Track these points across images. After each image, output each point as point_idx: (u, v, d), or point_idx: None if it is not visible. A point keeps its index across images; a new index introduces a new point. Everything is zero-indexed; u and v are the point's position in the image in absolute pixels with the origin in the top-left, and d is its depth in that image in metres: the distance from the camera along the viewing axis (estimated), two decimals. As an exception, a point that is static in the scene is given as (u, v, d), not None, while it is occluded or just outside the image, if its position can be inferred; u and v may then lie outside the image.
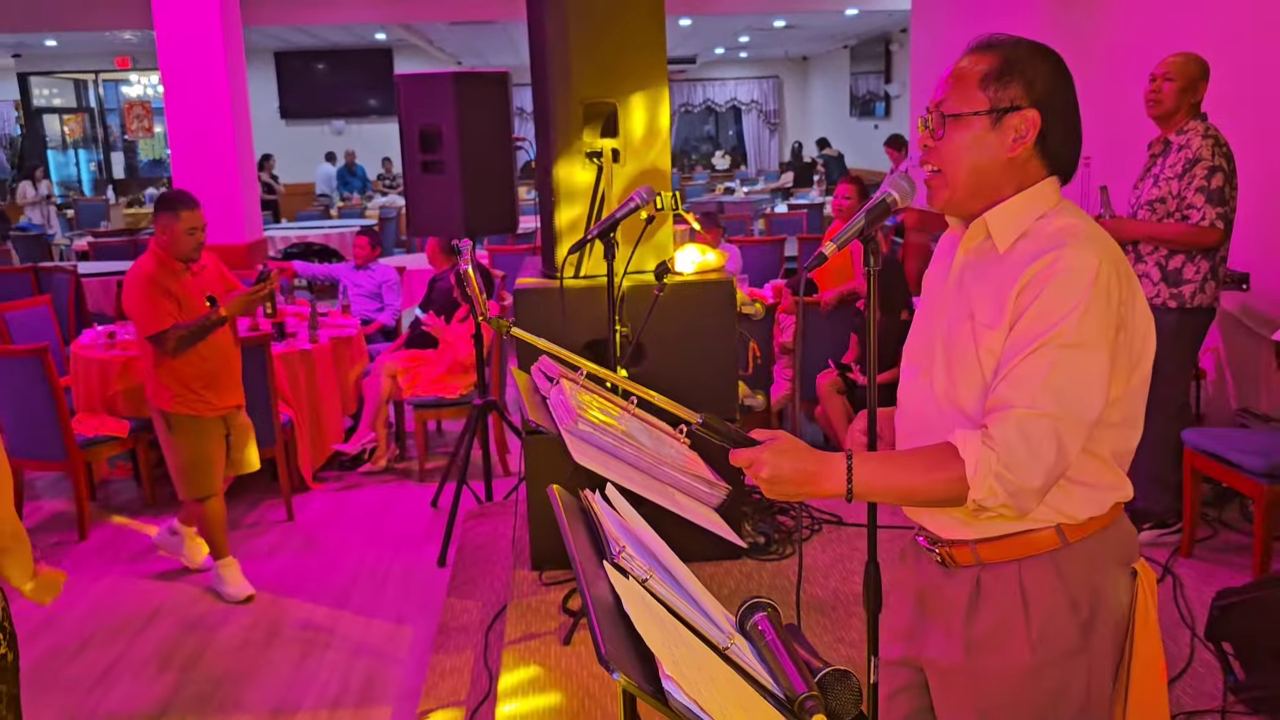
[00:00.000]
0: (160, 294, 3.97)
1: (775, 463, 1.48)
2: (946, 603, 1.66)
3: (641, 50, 3.65)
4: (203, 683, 3.69)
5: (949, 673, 1.66)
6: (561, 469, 3.56)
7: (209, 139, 7.55)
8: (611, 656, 0.87)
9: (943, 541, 1.66)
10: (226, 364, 4.22)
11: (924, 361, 1.67)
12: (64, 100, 18.21)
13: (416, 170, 4.58)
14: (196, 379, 4.08)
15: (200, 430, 4.14)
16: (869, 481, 1.50)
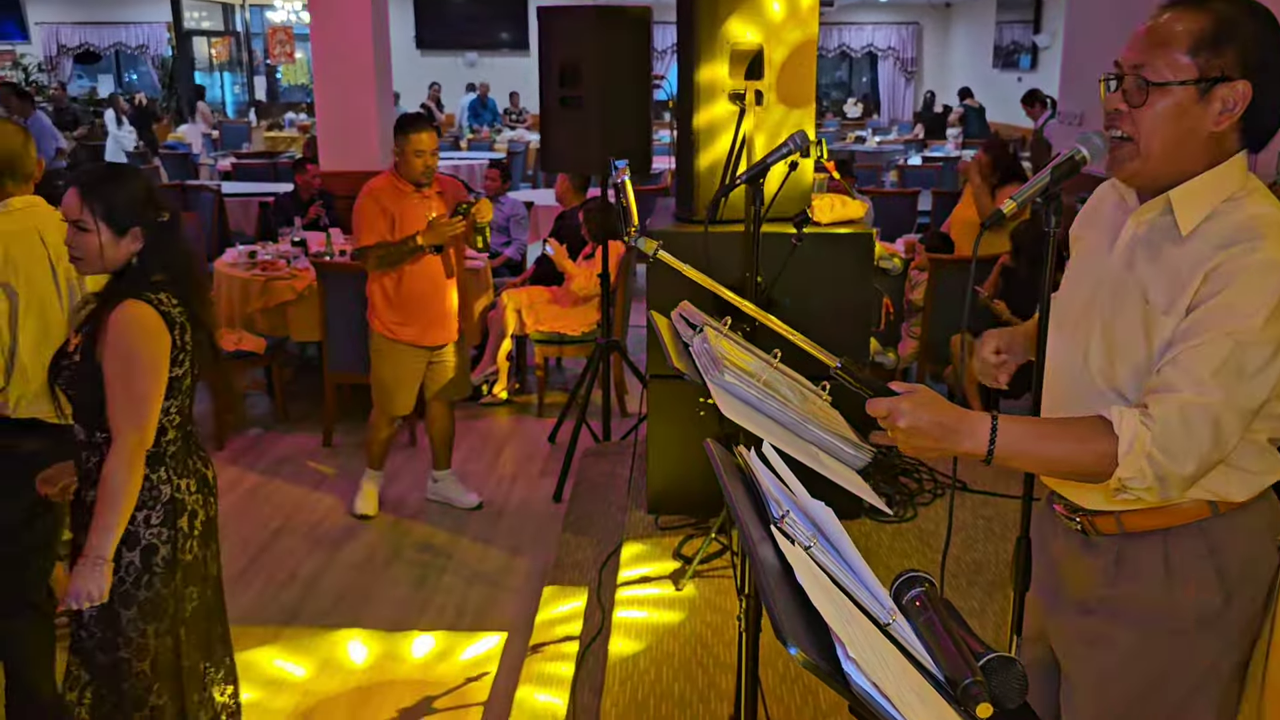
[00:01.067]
0: (376, 211, 4.11)
1: (914, 414, 1.43)
2: (1083, 571, 1.63)
3: None
4: (324, 597, 3.84)
5: (1082, 642, 1.63)
6: (684, 415, 3.55)
7: (350, 67, 7.64)
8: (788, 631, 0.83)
9: (1084, 511, 1.62)
10: (432, 297, 4.21)
11: (1078, 333, 1.59)
12: (212, 24, 18.79)
13: (553, 105, 4.55)
14: (399, 304, 4.19)
15: (393, 355, 4.27)
16: (1013, 445, 1.45)
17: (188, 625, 2.34)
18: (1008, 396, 5.12)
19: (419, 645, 3.52)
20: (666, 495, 3.80)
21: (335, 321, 5.12)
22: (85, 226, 2.17)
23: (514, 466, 5.04)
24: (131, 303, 2.17)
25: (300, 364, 6.50)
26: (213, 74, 19.08)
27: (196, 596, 2.37)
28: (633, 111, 4.45)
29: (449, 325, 4.32)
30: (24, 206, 2.79)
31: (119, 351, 2.16)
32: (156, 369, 2.18)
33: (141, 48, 18.72)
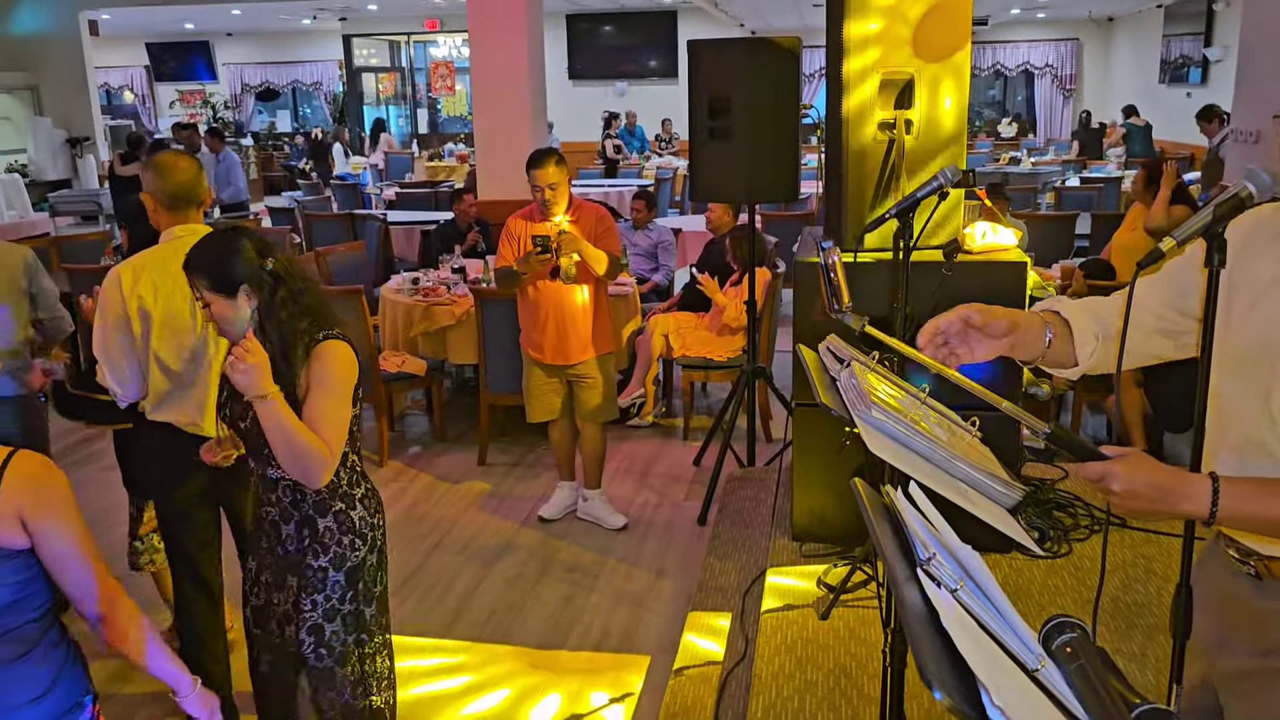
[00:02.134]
0: (506, 236, 4.44)
1: (1129, 477, 1.42)
2: (1255, 615, 1.58)
3: (946, 18, 3.50)
4: (478, 611, 3.99)
5: (1254, 681, 1.58)
6: (830, 443, 3.55)
7: (507, 98, 7.95)
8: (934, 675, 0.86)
9: (1259, 555, 1.57)
10: (555, 319, 4.40)
11: (1257, 373, 1.53)
12: (379, 60, 19.81)
13: (703, 135, 4.63)
14: (526, 324, 4.54)
15: (527, 368, 4.61)
16: (1238, 507, 1.43)
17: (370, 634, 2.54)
18: (1172, 430, 4.89)
19: (566, 664, 3.62)
20: (811, 523, 3.80)
21: (492, 345, 5.34)
22: (206, 301, 2.32)
23: (659, 489, 5.12)
24: (333, 342, 2.35)
25: (458, 385, 6.78)
26: (379, 107, 20.10)
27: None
28: (781, 142, 4.49)
29: (574, 347, 4.44)
30: (185, 235, 2.95)
31: (322, 380, 2.32)
32: (348, 399, 2.37)
33: (316, 84, 19.91)
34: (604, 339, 4.52)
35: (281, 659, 2.54)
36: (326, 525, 2.41)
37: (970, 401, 2.08)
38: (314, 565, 2.42)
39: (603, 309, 4.51)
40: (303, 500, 2.41)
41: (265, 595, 2.52)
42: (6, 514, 1.74)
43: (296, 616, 2.45)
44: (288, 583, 2.46)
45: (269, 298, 2.32)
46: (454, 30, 17.54)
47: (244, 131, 19.34)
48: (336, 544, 2.41)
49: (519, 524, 4.76)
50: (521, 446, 5.73)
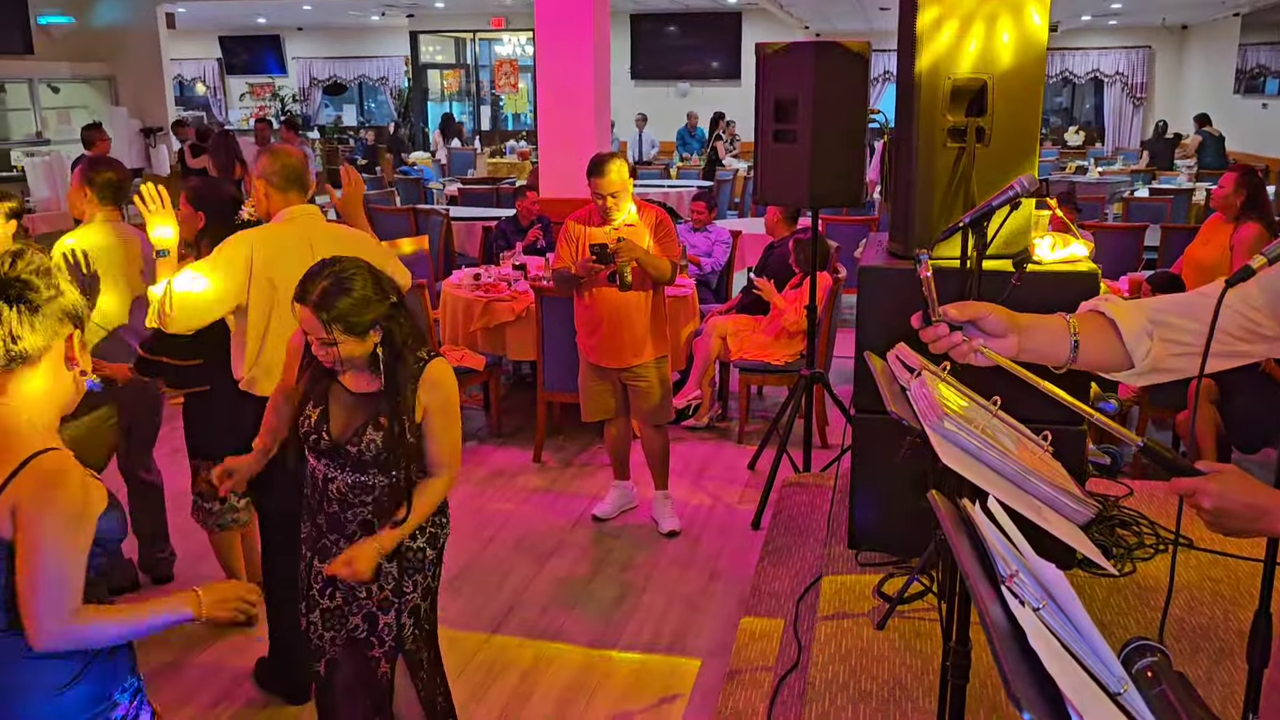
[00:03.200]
0: (564, 238, 4.47)
1: (1221, 494, 1.38)
2: None
3: (1020, 24, 3.45)
4: (530, 608, 4.02)
5: None
6: (890, 452, 3.51)
7: (571, 97, 7.99)
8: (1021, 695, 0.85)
9: None
10: (607, 322, 4.41)
11: None
12: (445, 57, 20.03)
13: (768, 139, 4.62)
14: (580, 325, 4.56)
15: (582, 367, 4.65)
16: None
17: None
18: (1244, 450, 4.77)
19: (617, 665, 3.63)
20: (868, 532, 3.76)
21: (550, 342, 5.37)
22: (331, 343, 2.34)
23: (713, 491, 5.11)
24: (439, 362, 2.48)
25: (515, 381, 6.83)
26: (443, 103, 20.31)
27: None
28: (847, 147, 4.46)
29: (628, 349, 4.43)
30: (300, 216, 3.20)
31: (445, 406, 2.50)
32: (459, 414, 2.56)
33: (382, 79, 20.17)
34: (659, 342, 4.51)
35: (366, 656, 2.58)
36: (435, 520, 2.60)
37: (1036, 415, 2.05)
38: (413, 546, 2.55)
39: (659, 312, 4.50)
40: (365, 505, 2.52)
41: (346, 593, 2.55)
42: (4, 507, 1.71)
43: (398, 601, 2.54)
44: (384, 569, 2.51)
45: (394, 332, 2.39)
46: (519, 29, 17.67)
47: (311, 125, 19.67)
48: (430, 524, 2.58)
49: (573, 522, 4.78)
50: (576, 444, 5.76)
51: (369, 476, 2.48)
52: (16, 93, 11.94)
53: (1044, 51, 3.53)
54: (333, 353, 2.35)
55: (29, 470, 1.72)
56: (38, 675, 1.80)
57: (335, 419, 2.46)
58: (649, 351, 4.47)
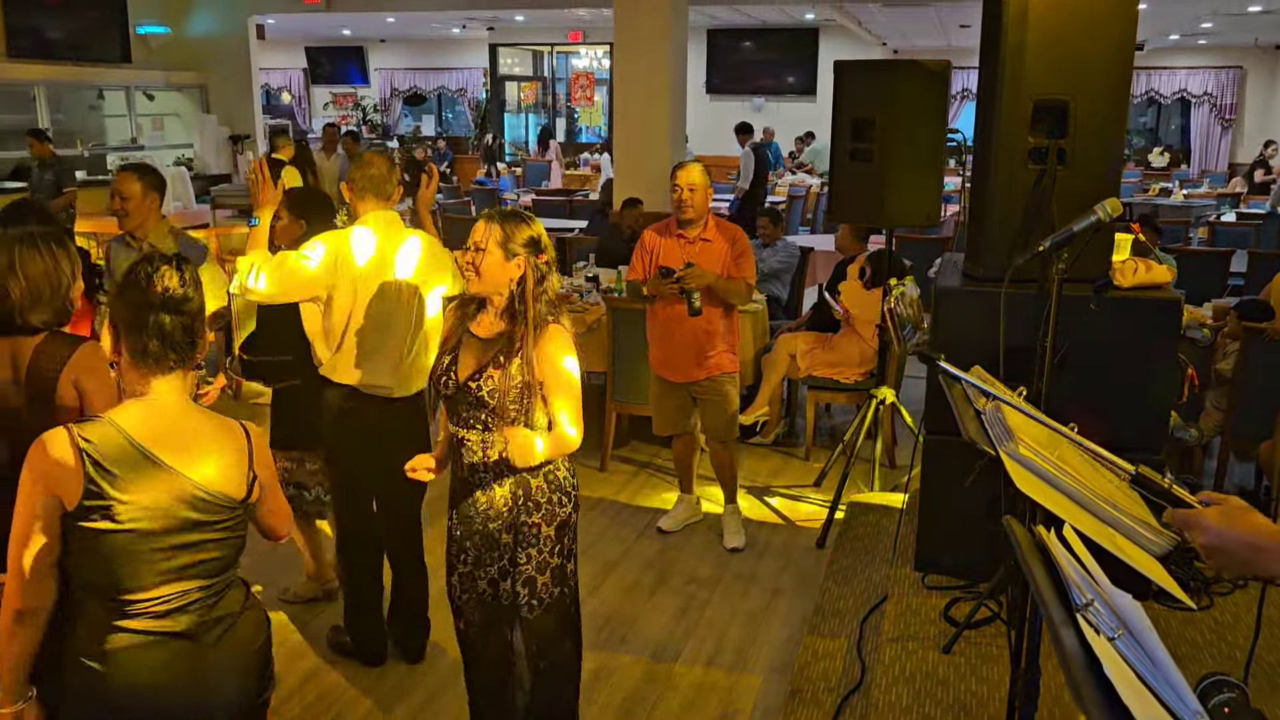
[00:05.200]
0: (639, 250, 4.55)
1: (1221, 531, 1.32)
2: None
3: (1107, 44, 3.40)
4: (594, 617, 4.04)
5: None
6: (960, 475, 3.48)
7: (647, 111, 8.05)
8: None
9: None
10: (680, 337, 4.43)
11: None
12: (522, 69, 20.30)
13: (844, 156, 4.61)
14: (650, 336, 4.63)
15: (651, 380, 4.72)
16: None
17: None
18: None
19: (678, 678, 3.64)
20: (936, 554, 3.72)
21: (621, 354, 5.41)
22: (482, 247, 2.56)
23: (779, 508, 5.10)
24: (560, 328, 2.62)
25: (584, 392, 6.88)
26: (519, 115, 20.58)
27: None
28: (925, 166, 4.44)
29: (696, 365, 4.45)
30: (380, 222, 3.41)
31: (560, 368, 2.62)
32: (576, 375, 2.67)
33: (460, 90, 20.52)
34: (727, 359, 4.49)
35: (495, 616, 2.75)
36: (538, 484, 2.66)
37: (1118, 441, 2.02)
38: (528, 522, 2.66)
39: (730, 330, 4.49)
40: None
41: (474, 558, 2.72)
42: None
43: (513, 570, 2.68)
44: (501, 541, 2.67)
45: (529, 278, 2.58)
46: (596, 42, 17.83)
47: (390, 134, 20.07)
48: (547, 501, 2.67)
49: (637, 533, 4.80)
50: (643, 456, 5.79)
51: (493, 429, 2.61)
52: (114, 100, 12.40)
53: (1130, 71, 3.47)
54: (479, 257, 2.55)
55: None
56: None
57: (463, 364, 2.64)
58: (718, 368, 4.47)
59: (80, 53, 11.30)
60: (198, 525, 1.93)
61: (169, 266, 1.96)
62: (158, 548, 1.89)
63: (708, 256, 4.32)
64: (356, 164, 3.48)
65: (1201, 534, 1.34)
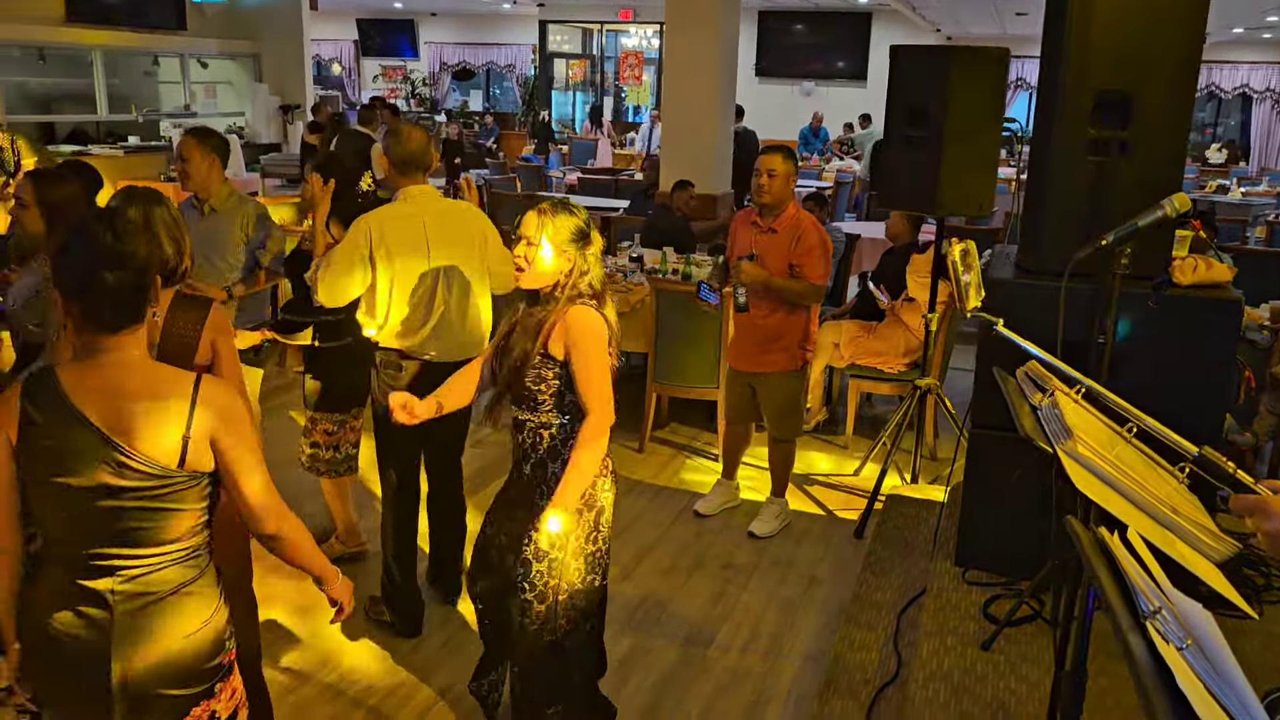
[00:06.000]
0: (730, 230, 4.57)
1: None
2: None
3: (1173, 36, 3.31)
4: (629, 598, 4.05)
5: None
6: (1005, 470, 3.43)
7: (696, 91, 8.00)
8: (1168, 726, 0.83)
9: None
10: (743, 327, 4.46)
11: None
12: (571, 47, 20.24)
13: (897, 142, 4.55)
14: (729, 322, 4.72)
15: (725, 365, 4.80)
16: None
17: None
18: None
19: (712, 662, 3.64)
20: (977, 549, 3.68)
21: (663, 336, 5.39)
22: (532, 243, 2.60)
23: (818, 496, 5.06)
24: (587, 310, 2.62)
25: (624, 373, 6.88)
26: (567, 93, 20.53)
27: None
28: (979, 154, 4.36)
29: (752, 358, 4.45)
30: (417, 195, 3.46)
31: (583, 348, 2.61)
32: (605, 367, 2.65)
33: (509, 66, 20.51)
34: (786, 357, 4.40)
35: (498, 585, 2.83)
36: (554, 470, 2.68)
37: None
38: (539, 504, 2.68)
39: (796, 327, 4.36)
40: (540, 445, 2.70)
41: (495, 526, 2.86)
42: (200, 436, 1.88)
43: (515, 547, 2.73)
44: (517, 516, 2.75)
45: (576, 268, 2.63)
46: (646, 21, 17.73)
47: (438, 108, 20.11)
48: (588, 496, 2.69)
49: (674, 516, 4.80)
50: (682, 438, 5.78)
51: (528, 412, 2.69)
52: (169, 66, 12.52)
53: (1197, 65, 3.38)
54: (531, 252, 2.60)
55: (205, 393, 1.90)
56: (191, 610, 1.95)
57: (512, 349, 2.70)
58: (775, 364, 4.42)
59: (137, 19, 11.41)
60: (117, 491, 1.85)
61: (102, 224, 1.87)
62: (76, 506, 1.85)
63: (772, 248, 4.26)
64: (394, 138, 3.48)
65: (1267, 519, 1.32)
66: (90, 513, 1.85)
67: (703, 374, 5.37)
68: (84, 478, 1.83)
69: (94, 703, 1.90)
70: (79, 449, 1.82)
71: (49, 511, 1.89)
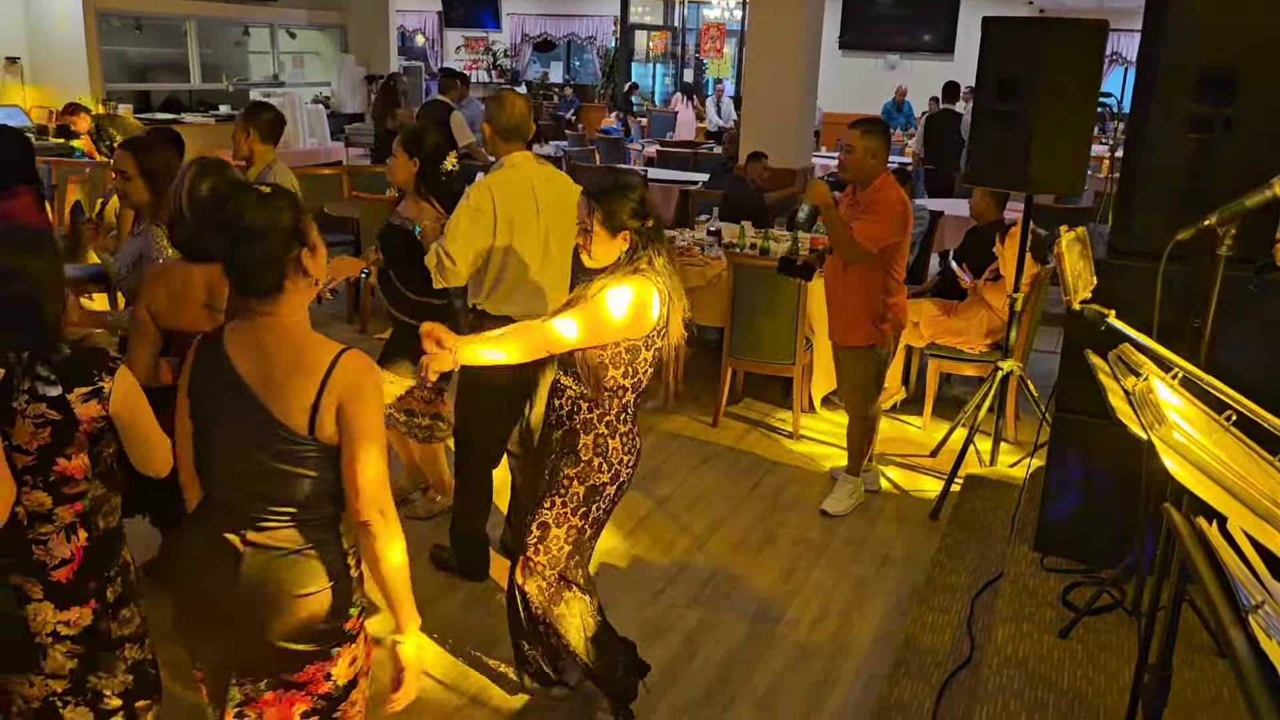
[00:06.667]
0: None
1: None
2: None
3: None
4: (698, 571, 4.05)
5: None
6: (1089, 455, 3.35)
7: (778, 64, 7.89)
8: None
9: None
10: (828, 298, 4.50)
11: None
12: (653, 18, 20.10)
13: (986, 117, 4.43)
14: None
15: None
16: None
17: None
18: None
19: (781, 637, 3.63)
20: (1058, 535, 3.59)
21: (740, 310, 5.36)
22: (588, 229, 2.66)
23: (893, 475, 5.00)
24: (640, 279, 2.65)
25: (699, 346, 6.86)
26: (647, 65, 20.43)
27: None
28: (1072, 131, 4.23)
29: (835, 329, 4.48)
30: (521, 162, 3.54)
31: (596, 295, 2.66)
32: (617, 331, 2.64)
33: (590, 38, 20.47)
34: (853, 330, 4.36)
35: (517, 538, 2.94)
36: (584, 442, 2.74)
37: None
38: (564, 472, 2.76)
39: (859, 300, 4.29)
40: (575, 414, 2.75)
41: (530, 487, 2.92)
42: (328, 406, 1.92)
43: (534, 509, 2.81)
44: (543, 479, 2.84)
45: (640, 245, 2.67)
46: (730, -8, 17.52)
47: (519, 80, 20.18)
48: (587, 462, 2.75)
49: (747, 490, 4.78)
50: (756, 414, 5.75)
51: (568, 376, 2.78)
52: (259, 37, 12.79)
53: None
54: (587, 240, 2.67)
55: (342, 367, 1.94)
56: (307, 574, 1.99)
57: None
58: (843, 337, 4.40)
59: (229, -12, 11.68)
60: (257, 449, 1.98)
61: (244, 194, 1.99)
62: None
63: (856, 221, 4.22)
64: (498, 106, 3.54)
65: None
66: (236, 467, 1.97)
67: (779, 349, 5.33)
68: (233, 433, 1.95)
69: (225, 648, 2.03)
70: (231, 405, 1.95)
71: (209, 462, 2.02)
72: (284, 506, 1.96)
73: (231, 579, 1.95)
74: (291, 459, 1.93)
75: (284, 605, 1.95)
